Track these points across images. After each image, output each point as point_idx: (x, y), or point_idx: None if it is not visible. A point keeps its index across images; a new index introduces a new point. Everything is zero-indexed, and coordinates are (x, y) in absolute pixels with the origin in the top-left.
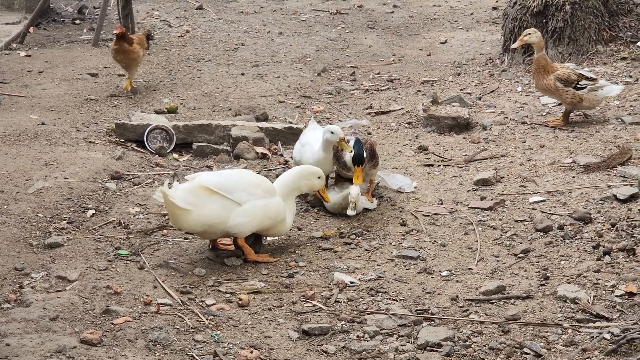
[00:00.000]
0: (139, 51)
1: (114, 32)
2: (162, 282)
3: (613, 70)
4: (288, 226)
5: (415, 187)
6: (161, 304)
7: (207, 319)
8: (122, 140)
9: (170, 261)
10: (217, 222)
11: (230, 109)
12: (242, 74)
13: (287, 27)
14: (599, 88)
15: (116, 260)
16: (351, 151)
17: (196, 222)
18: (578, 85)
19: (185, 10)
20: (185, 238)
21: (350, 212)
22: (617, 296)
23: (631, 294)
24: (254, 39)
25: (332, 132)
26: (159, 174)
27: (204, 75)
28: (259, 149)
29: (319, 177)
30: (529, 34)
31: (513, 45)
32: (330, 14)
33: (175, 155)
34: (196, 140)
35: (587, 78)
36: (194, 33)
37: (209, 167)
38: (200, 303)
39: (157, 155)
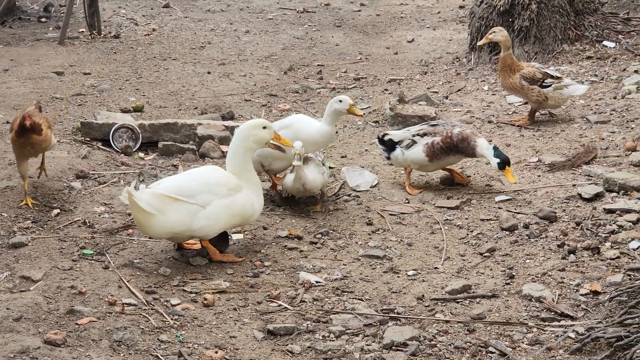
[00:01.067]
0: (50, 135)
1: (25, 123)
2: (127, 281)
3: (579, 70)
4: (257, 212)
5: (371, 187)
6: (126, 303)
7: (172, 319)
8: (88, 139)
9: (135, 261)
10: (182, 229)
11: (196, 108)
12: (209, 73)
13: (253, 26)
14: (564, 87)
15: (81, 260)
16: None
17: (160, 229)
18: (543, 84)
19: (151, 9)
20: (150, 237)
21: (296, 162)
22: (581, 295)
23: (596, 293)
24: (221, 37)
25: (340, 101)
26: (124, 173)
27: (170, 74)
28: (225, 148)
29: (264, 127)
30: (495, 32)
31: (479, 43)
32: (297, 12)
33: (141, 154)
34: (162, 139)
35: (552, 77)
36: (160, 31)
37: (175, 166)
38: (165, 303)
39: (122, 154)
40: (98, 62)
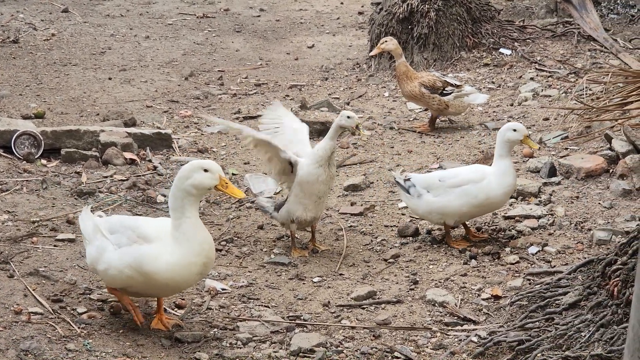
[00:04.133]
0: None
1: None
2: (33, 290)
3: (476, 77)
4: (163, 270)
5: (275, 193)
6: (32, 312)
7: (79, 328)
8: None
9: (41, 269)
10: (91, 266)
11: (98, 114)
12: (110, 79)
13: (153, 31)
14: (465, 95)
15: None
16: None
17: (88, 258)
18: (444, 92)
19: (50, 13)
20: (55, 245)
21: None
22: (483, 299)
23: (497, 297)
24: (121, 42)
25: (348, 117)
26: (27, 180)
27: (71, 80)
28: (128, 155)
29: (205, 170)
30: (386, 41)
31: (371, 53)
32: (197, 17)
33: (44, 161)
34: (65, 145)
35: (452, 85)
36: (59, 36)
37: (78, 173)
38: (72, 311)
39: (25, 161)
40: None
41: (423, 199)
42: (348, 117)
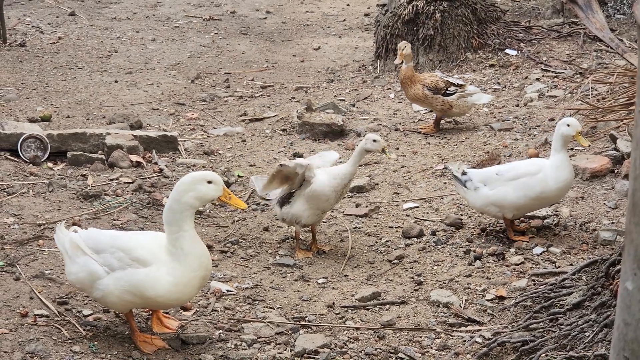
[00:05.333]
0: None
1: None
2: (39, 293)
3: (482, 77)
4: (165, 292)
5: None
6: (38, 315)
7: (84, 330)
8: None
9: (47, 272)
10: (84, 289)
11: (104, 117)
12: (116, 82)
13: (160, 34)
14: (469, 95)
15: None
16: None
17: (70, 276)
18: (447, 92)
19: (57, 17)
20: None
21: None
22: (487, 300)
23: (501, 298)
24: (127, 45)
25: (374, 141)
26: (33, 184)
27: (77, 83)
28: (134, 158)
29: (209, 182)
30: (406, 46)
31: (396, 61)
32: (203, 20)
33: (50, 164)
34: (71, 149)
35: (455, 85)
36: (66, 40)
37: (84, 176)
38: (78, 313)
39: (31, 165)
40: (4, 71)
41: (480, 192)
42: (374, 140)
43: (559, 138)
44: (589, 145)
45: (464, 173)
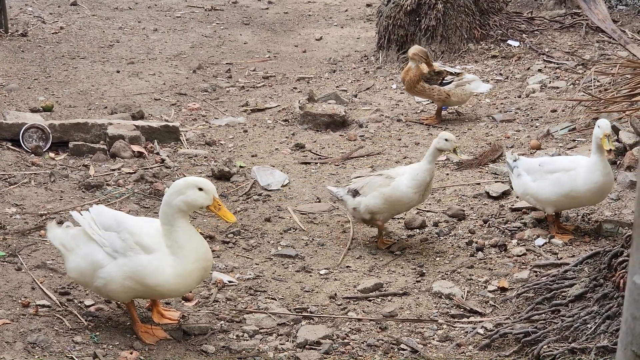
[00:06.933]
0: None
1: None
2: (40, 283)
3: (484, 68)
4: (170, 281)
5: (282, 186)
6: (40, 305)
7: (86, 320)
8: None
9: (48, 262)
10: (85, 280)
11: (106, 107)
12: (118, 72)
13: (162, 24)
14: (467, 83)
15: None
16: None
17: (73, 271)
18: (443, 82)
19: (59, 7)
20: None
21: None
22: (489, 291)
23: (503, 289)
24: (129, 35)
25: (446, 140)
26: (35, 174)
27: (79, 73)
28: (136, 148)
29: (200, 189)
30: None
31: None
32: (205, 10)
33: (52, 155)
34: (73, 139)
35: (451, 73)
36: (68, 30)
37: (86, 166)
38: (79, 304)
39: (33, 155)
40: (5, 61)
41: (521, 179)
42: (446, 139)
43: (593, 140)
44: (609, 151)
45: (515, 160)
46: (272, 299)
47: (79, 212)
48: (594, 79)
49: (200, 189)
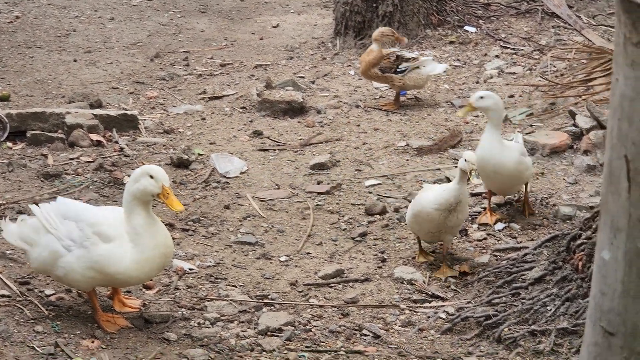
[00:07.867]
0: None
1: None
2: (0, 273)
3: (442, 54)
4: (128, 269)
5: (241, 173)
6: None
7: (47, 310)
8: None
9: (7, 252)
10: (48, 269)
11: (63, 97)
12: (75, 61)
13: (118, 12)
14: (421, 65)
15: None
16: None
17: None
18: (397, 70)
19: None
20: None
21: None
22: (451, 276)
23: (464, 274)
24: (86, 24)
25: (465, 160)
26: None
27: (35, 62)
28: (94, 137)
29: (151, 177)
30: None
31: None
32: None
33: (9, 144)
34: (30, 128)
35: (407, 59)
36: (24, 19)
37: (44, 155)
38: (40, 293)
39: None
40: None
41: None
42: (465, 160)
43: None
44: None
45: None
46: (232, 286)
47: (36, 203)
48: (550, 64)
49: (152, 177)
